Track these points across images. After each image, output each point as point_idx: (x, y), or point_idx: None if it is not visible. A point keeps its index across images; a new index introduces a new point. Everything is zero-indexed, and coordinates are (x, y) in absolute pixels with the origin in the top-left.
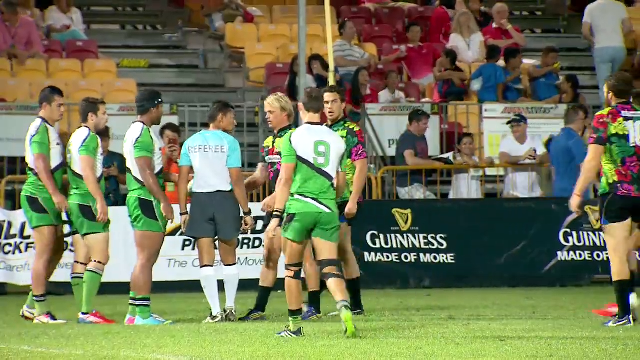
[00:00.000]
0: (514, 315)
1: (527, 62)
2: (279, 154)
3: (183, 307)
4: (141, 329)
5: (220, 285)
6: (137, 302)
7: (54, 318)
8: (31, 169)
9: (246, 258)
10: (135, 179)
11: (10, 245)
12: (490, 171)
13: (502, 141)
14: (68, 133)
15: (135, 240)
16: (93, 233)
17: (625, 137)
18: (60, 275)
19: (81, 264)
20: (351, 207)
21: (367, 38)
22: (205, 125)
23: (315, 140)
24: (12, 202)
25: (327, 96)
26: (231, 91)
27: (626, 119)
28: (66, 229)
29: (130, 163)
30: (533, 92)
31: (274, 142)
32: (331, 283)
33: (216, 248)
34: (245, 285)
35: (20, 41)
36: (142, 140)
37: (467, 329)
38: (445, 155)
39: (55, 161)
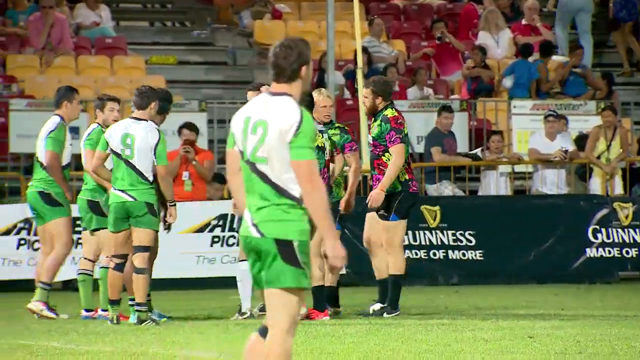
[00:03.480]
0: (543, 312)
1: (556, 58)
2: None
3: (211, 304)
4: (170, 326)
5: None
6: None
7: (54, 311)
8: (41, 164)
9: None
10: None
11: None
12: (519, 168)
13: (531, 137)
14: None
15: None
16: (102, 228)
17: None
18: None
19: (88, 260)
20: (373, 193)
21: (396, 35)
22: None
23: (123, 132)
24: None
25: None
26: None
27: None
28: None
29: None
30: (562, 89)
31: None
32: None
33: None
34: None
35: (55, 39)
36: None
37: (496, 326)
38: (473, 152)
39: (65, 160)
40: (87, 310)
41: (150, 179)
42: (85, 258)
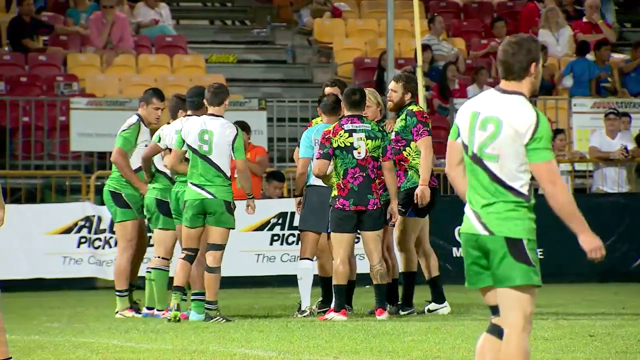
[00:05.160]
0: (603, 311)
1: (617, 56)
2: None
3: (271, 302)
4: (230, 324)
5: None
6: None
7: (138, 311)
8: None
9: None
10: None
11: (100, 240)
12: (579, 166)
13: (591, 135)
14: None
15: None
16: (165, 229)
17: None
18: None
19: (160, 259)
20: (419, 191)
21: (456, 33)
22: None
23: (201, 129)
24: (102, 197)
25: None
26: (319, 86)
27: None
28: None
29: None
30: (623, 87)
31: None
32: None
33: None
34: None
35: (115, 38)
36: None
37: (556, 325)
38: None
39: (140, 161)
40: (148, 308)
41: (228, 174)
42: (157, 257)
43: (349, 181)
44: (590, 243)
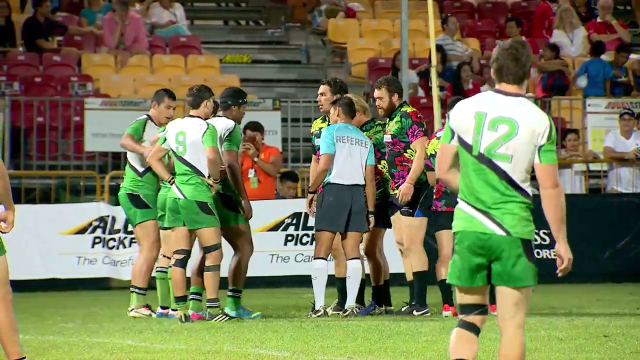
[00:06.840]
0: (618, 311)
1: (632, 57)
2: None
3: (285, 303)
4: (244, 324)
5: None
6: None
7: (153, 311)
8: (132, 166)
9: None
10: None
11: (114, 240)
12: (593, 166)
13: (606, 136)
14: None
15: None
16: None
17: None
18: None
19: (166, 257)
20: (403, 188)
21: (470, 33)
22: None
23: (177, 131)
24: (117, 197)
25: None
26: None
27: None
28: None
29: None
30: (637, 87)
31: None
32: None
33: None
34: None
35: (129, 38)
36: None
37: (570, 325)
38: None
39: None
40: (162, 308)
41: (205, 173)
42: (163, 256)
43: (441, 185)
44: (568, 253)
